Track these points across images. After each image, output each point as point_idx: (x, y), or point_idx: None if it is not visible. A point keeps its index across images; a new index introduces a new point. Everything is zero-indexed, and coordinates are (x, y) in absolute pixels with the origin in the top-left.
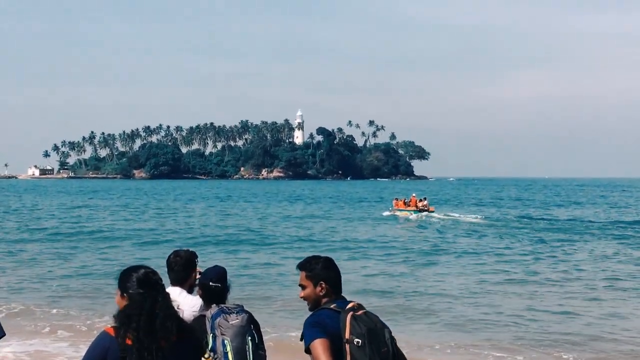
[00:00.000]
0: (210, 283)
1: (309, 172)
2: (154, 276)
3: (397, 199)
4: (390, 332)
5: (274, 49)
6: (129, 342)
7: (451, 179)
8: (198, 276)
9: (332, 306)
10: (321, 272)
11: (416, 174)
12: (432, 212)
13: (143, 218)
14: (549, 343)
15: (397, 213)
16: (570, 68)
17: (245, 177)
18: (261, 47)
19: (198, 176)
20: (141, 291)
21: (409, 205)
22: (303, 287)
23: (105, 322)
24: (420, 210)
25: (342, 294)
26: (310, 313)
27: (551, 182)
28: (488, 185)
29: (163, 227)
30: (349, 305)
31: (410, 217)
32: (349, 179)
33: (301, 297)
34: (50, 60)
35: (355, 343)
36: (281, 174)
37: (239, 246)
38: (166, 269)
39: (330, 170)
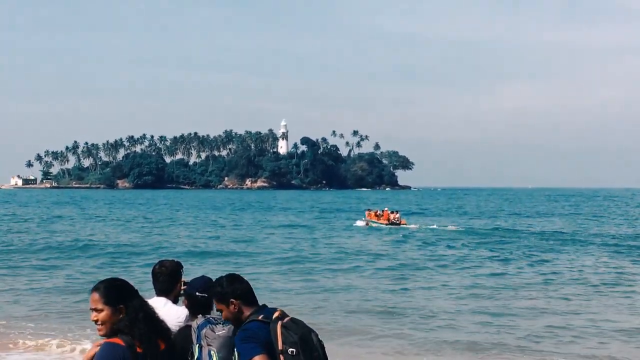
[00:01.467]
0: (197, 293)
1: (293, 182)
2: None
3: (369, 210)
4: (317, 336)
5: (258, 60)
6: (139, 350)
7: (438, 189)
8: (184, 287)
9: (259, 317)
10: (227, 290)
11: (400, 184)
12: (404, 224)
13: (130, 228)
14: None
15: (370, 224)
16: (552, 81)
17: (229, 187)
18: (245, 58)
19: (182, 186)
20: (136, 300)
21: (381, 217)
22: (220, 310)
23: (88, 336)
24: (392, 224)
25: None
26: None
27: (536, 191)
28: (471, 194)
29: (144, 240)
30: (276, 314)
31: (382, 228)
32: (327, 189)
33: (224, 319)
34: (33, 71)
35: (289, 353)
36: (265, 184)
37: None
38: (151, 280)
39: (315, 180)
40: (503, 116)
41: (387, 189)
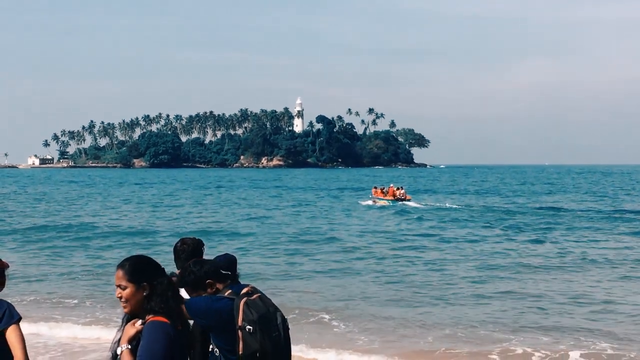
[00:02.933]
0: (222, 271)
1: (308, 160)
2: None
3: (375, 188)
4: (282, 316)
5: (273, 38)
6: (179, 327)
7: (442, 165)
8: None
9: (227, 293)
10: (199, 274)
11: (416, 162)
12: (409, 200)
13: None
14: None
15: (376, 201)
16: (571, 57)
17: (245, 165)
18: (260, 37)
19: (198, 165)
20: (162, 278)
21: (386, 194)
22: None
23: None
24: (398, 199)
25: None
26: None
27: (554, 169)
28: (485, 172)
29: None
30: (243, 291)
31: (387, 205)
32: (343, 167)
33: None
34: (50, 51)
35: (247, 330)
36: (281, 163)
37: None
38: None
39: (330, 158)
40: (520, 93)
41: (402, 167)
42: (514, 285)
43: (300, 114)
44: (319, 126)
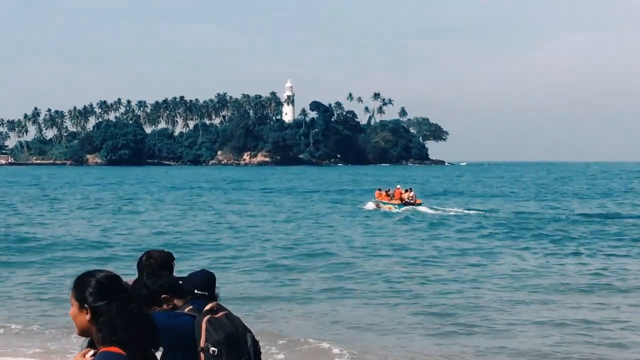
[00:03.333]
0: (196, 291)
1: (300, 156)
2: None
3: (379, 190)
4: (253, 338)
5: (258, 12)
6: (139, 357)
7: (463, 163)
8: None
9: (187, 309)
10: (154, 288)
11: (432, 158)
12: (420, 204)
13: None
14: None
15: (381, 206)
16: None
17: (223, 162)
18: (241, 9)
19: (166, 162)
20: (114, 302)
21: (392, 198)
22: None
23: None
24: (406, 204)
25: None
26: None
27: (598, 166)
28: (517, 171)
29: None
30: (207, 307)
31: (394, 210)
32: (343, 164)
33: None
34: None
35: (210, 352)
36: (267, 159)
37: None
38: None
39: (327, 153)
40: (560, 76)
41: (415, 164)
42: (555, 310)
43: (290, 100)
44: (313, 115)
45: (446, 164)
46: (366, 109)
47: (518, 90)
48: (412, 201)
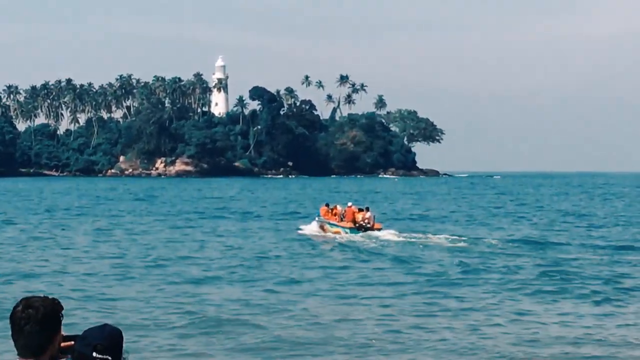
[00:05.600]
0: (94, 354)
1: (236, 164)
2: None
3: (327, 206)
4: None
5: None
6: None
7: (464, 175)
8: (68, 343)
9: None
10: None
11: (421, 167)
12: (379, 229)
13: None
14: None
15: (327, 228)
16: None
17: (127, 172)
18: None
19: (46, 171)
20: None
21: (343, 219)
22: None
23: None
24: (360, 228)
25: None
26: None
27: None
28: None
29: None
30: None
31: (343, 236)
32: (295, 175)
33: None
34: None
35: None
36: (189, 168)
37: None
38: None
39: (274, 160)
40: (589, 52)
41: (398, 175)
42: None
43: (222, 85)
44: (254, 105)
45: (441, 175)
46: (329, 97)
47: (541, 69)
48: (368, 224)
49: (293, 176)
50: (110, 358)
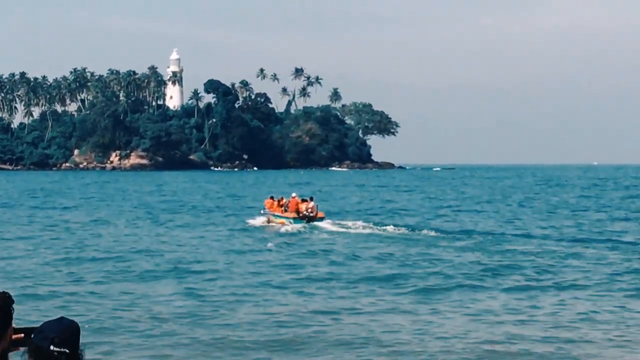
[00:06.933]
0: (52, 347)
1: (192, 157)
2: None
3: (272, 198)
4: None
5: None
6: None
7: (419, 168)
8: (19, 335)
9: None
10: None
11: (376, 160)
12: (322, 219)
13: None
14: None
15: (272, 220)
16: None
17: (82, 165)
18: None
19: (0, 165)
20: None
21: (287, 210)
22: None
23: None
24: (303, 217)
25: None
26: None
27: (604, 170)
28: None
29: None
30: None
31: (286, 227)
32: (251, 169)
33: None
34: None
35: None
36: (144, 161)
37: None
38: None
39: (229, 153)
40: (544, 43)
41: (353, 168)
42: None
43: (176, 78)
44: (209, 99)
45: (396, 167)
46: (284, 90)
47: (494, 62)
48: (311, 214)
49: (249, 169)
50: (67, 351)
